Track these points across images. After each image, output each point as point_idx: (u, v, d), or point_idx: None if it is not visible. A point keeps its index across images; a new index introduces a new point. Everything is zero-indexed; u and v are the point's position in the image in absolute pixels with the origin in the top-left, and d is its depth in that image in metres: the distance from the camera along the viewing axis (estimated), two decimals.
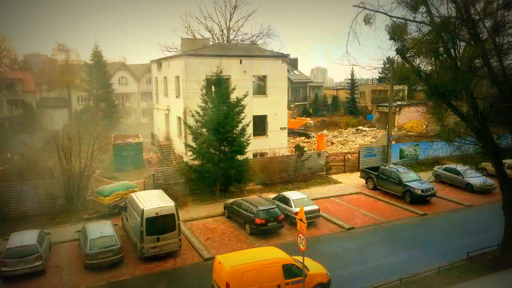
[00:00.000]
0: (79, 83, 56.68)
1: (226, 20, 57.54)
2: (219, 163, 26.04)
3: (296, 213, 16.84)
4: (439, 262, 17.16)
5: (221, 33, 57.82)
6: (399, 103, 49.29)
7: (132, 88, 65.27)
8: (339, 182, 30.60)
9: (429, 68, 16.76)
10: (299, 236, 15.24)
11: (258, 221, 20.34)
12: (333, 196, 27.27)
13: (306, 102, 73.73)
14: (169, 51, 55.80)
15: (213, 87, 27.17)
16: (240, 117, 26.86)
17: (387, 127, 35.01)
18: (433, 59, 16.22)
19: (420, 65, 16.54)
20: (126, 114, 62.79)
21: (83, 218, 22.74)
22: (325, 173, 31.92)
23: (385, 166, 28.67)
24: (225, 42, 55.33)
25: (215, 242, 20.14)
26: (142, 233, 17.52)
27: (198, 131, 26.61)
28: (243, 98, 26.84)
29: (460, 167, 26.92)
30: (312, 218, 21.62)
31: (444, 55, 16.19)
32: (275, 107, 35.85)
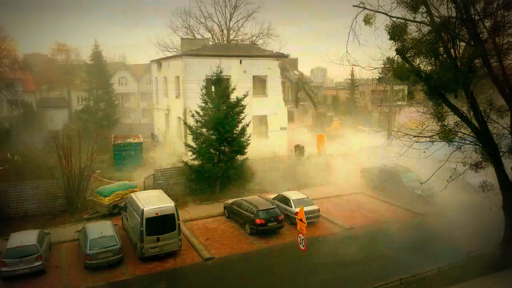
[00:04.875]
0: (79, 83, 56.63)
1: (226, 20, 57.42)
2: (219, 163, 26.06)
3: (296, 213, 16.85)
4: (439, 262, 17.15)
5: (221, 33, 57.72)
6: (399, 103, 49.29)
7: (132, 88, 65.25)
8: (339, 182, 30.58)
9: (429, 68, 16.75)
10: (299, 236, 15.25)
11: (258, 221, 20.34)
12: (333, 196, 27.28)
13: (305, 102, 73.51)
14: (169, 51, 55.75)
15: (213, 87, 27.18)
16: (240, 117, 26.86)
17: (387, 127, 35.02)
18: (433, 59, 16.22)
19: (420, 65, 16.53)
20: (126, 114, 62.73)
21: (83, 218, 22.74)
22: (325, 173, 31.88)
23: (385, 166, 28.65)
24: (225, 42, 55.28)
25: (215, 242, 20.13)
26: (142, 233, 17.52)
27: (198, 131, 26.61)
28: (243, 98, 26.84)
29: (460, 167, 26.87)
30: (312, 218, 21.62)
31: (444, 55, 16.19)
32: (275, 107, 35.87)
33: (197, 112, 26.54)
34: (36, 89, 57.85)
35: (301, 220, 15.14)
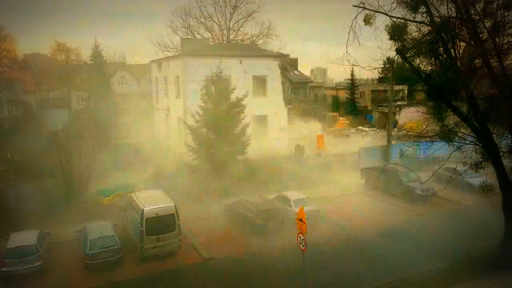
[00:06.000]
0: (79, 83, 56.66)
1: (226, 20, 57.41)
2: (219, 163, 26.03)
3: (296, 213, 16.83)
4: (439, 262, 17.15)
5: (221, 33, 57.75)
6: (399, 103, 49.35)
7: (132, 88, 65.29)
8: (339, 182, 30.56)
9: (429, 68, 16.75)
10: (299, 236, 15.24)
11: (258, 221, 20.32)
12: (333, 196, 27.25)
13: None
14: (169, 51, 55.76)
15: (213, 87, 27.17)
16: (240, 117, 26.86)
17: (387, 127, 35.00)
18: (433, 59, 16.22)
19: (420, 65, 16.53)
20: (126, 114, 62.66)
21: (83, 218, 22.69)
22: (325, 172, 31.87)
23: (385, 166, 28.65)
24: (225, 42, 55.28)
25: (215, 242, 20.12)
26: (142, 233, 17.51)
27: (198, 131, 26.60)
28: (243, 98, 26.84)
29: (460, 167, 26.90)
30: (312, 218, 21.57)
31: (444, 55, 16.19)
32: (275, 107, 35.86)
33: (197, 112, 26.53)
34: (36, 89, 57.82)
35: (301, 220, 15.13)
